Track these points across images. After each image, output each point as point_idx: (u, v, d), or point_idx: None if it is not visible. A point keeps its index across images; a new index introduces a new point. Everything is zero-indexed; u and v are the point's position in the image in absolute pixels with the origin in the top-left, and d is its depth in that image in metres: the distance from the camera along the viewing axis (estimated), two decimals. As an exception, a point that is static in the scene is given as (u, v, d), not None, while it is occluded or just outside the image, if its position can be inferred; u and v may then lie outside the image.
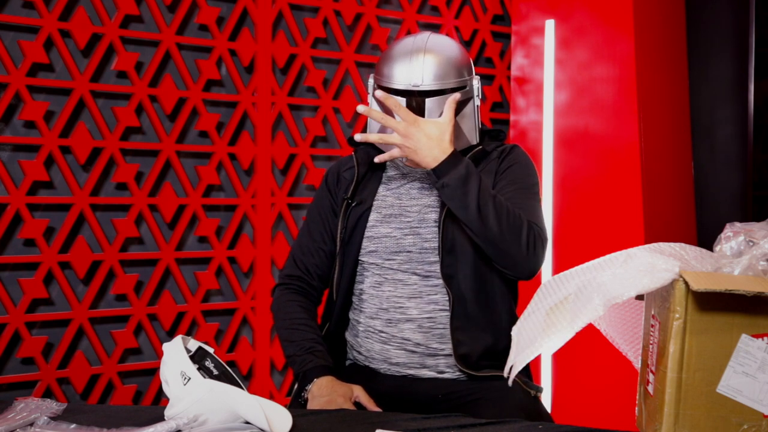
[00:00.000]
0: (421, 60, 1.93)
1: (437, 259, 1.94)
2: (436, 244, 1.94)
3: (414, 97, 1.92)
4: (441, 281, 1.94)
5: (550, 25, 3.54)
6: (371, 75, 2.02)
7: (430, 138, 1.83)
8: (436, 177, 1.85)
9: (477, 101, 1.99)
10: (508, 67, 3.77)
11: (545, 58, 3.54)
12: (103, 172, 2.94)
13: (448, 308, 1.93)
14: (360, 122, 3.43)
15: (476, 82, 2.00)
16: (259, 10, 3.18)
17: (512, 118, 3.70)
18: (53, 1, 2.82)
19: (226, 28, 3.13)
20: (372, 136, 1.89)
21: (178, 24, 3.04)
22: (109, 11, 2.91)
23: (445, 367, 1.94)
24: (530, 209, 1.92)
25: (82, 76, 2.85)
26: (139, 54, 2.98)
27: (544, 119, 3.53)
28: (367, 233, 1.99)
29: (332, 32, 3.39)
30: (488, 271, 1.95)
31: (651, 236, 3.21)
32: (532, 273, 1.89)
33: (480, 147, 2.01)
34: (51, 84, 2.82)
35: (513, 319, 1.97)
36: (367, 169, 2.05)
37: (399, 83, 1.93)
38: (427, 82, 1.92)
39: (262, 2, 3.18)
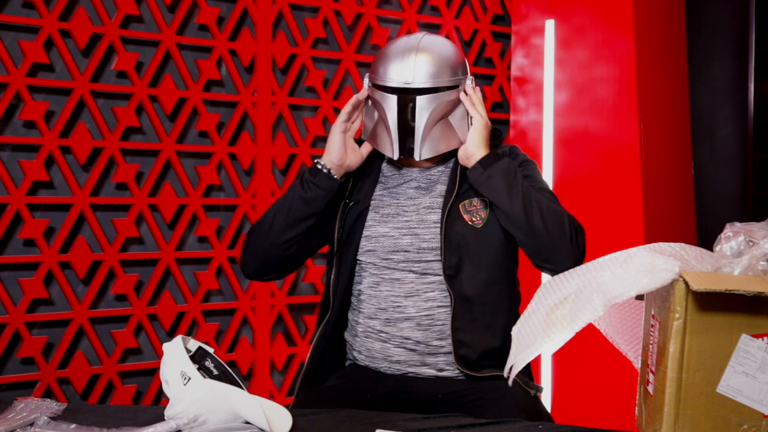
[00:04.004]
0: (413, 59, 1.94)
1: (436, 258, 1.95)
2: (436, 245, 1.95)
3: (406, 95, 1.94)
4: (438, 278, 1.94)
5: (550, 25, 3.54)
6: (367, 75, 2.03)
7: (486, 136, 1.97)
8: (481, 167, 1.90)
9: (471, 87, 2.00)
10: (508, 67, 3.77)
11: (545, 58, 3.54)
12: (103, 172, 2.94)
13: (446, 305, 1.94)
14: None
15: (469, 82, 2.00)
16: (259, 10, 3.18)
17: (512, 118, 3.70)
18: (53, 1, 2.82)
19: (226, 28, 3.13)
20: None
21: (178, 24, 3.04)
22: (109, 11, 2.91)
23: (445, 365, 1.94)
24: (559, 204, 1.96)
25: (82, 76, 2.85)
26: (139, 54, 2.98)
27: (544, 119, 3.53)
28: (365, 233, 2.00)
29: (332, 32, 3.39)
30: (493, 272, 1.95)
31: (651, 236, 3.21)
32: (576, 263, 1.88)
33: None
34: (51, 84, 2.82)
35: (515, 320, 1.97)
36: (362, 170, 2.06)
37: (392, 81, 1.95)
38: (418, 80, 1.93)
39: (262, 2, 3.18)
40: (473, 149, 1.93)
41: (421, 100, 1.93)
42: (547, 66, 3.54)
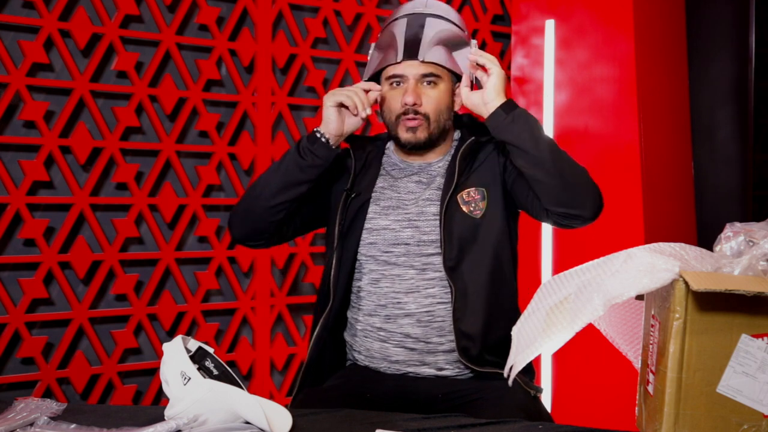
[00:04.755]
0: (425, 1, 2.04)
1: (436, 251, 1.95)
2: (436, 237, 1.95)
3: (417, 18, 1.99)
4: (438, 274, 1.95)
5: (550, 25, 3.54)
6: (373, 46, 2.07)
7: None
8: (503, 112, 1.89)
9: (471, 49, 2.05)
10: (508, 67, 3.77)
11: (545, 58, 3.54)
12: (103, 172, 2.94)
13: (446, 301, 1.94)
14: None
15: (474, 41, 2.04)
16: (259, 10, 3.18)
17: (512, 118, 3.70)
18: (53, 1, 2.82)
19: (226, 28, 3.13)
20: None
21: (178, 24, 3.04)
22: (109, 11, 2.91)
23: (444, 364, 1.95)
24: None
25: (82, 76, 2.85)
26: (139, 54, 2.98)
27: (544, 119, 3.53)
28: (366, 225, 2.00)
29: (332, 32, 3.39)
30: (493, 263, 1.96)
31: (651, 236, 3.21)
32: (597, 213, 1.93)
33: (473, 139, 2.02)
34: (51, 84, 2.82)
35: (514, 312, 1.97)
36: (363, 162, 2.06)
37: (404, 11, 2.02)
38: (430, 10, 2.01)
39: (262, 2, 3.18)
40: (493, 95, 1.91)
41: (431, 20, 1.98)
42: (547, 66, 3.54)
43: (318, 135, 1.95)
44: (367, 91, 1.97)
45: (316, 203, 2.05)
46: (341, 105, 1.94)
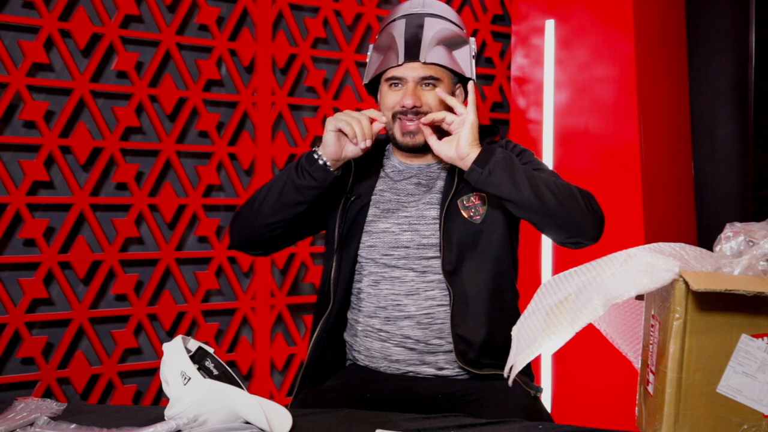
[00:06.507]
0: (422, 1, 2.03)
1: (435, 255, 1.95)
2: (435, 241, 1.95)
3: (415, 18, 1.98)
4: (438, 277, 1.94)
5: (550, 25, 3.54)
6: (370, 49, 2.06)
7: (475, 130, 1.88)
8: (478, 167, 1.85)
9: (473, 48, 2.04)
10: (508, 67, 3.77)
11: (545, 58, 3.54)
12: (103, 172, 2.94)
13: (445, 303, 1.94)
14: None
15: (473, 43, 2.03)
16: (259, 10, 3.18)
17: (512, 118, 3.70)
18: (53, 1, 2.82)
19: (226, 28, 3.13)
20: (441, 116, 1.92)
21: (178, 24, 3.04)
22: (109, 11, 2.91)
23: (444, 364, 1.95)
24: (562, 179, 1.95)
25: (82, 76, 2.85)
26: (139, 54, 2.98)
27: (544, 119, 3.53)
28: (366, 228, 2.00)
29: (332, 32, 3.39)
30: (492, 268, 1.96)
31: (651, 236, 3.21)
32: (599, 232, 1.91)
33: None
34: (51, 84, 2.82)
35: (514, 316, 1.97)
36: (363, 164, 2.06)
37: (402, 12, 2.01)
38: (428, 9, 2.00)
39: (262, 2, 3.18)
40: (467, 149, 1.86)
41: (429, 20, 1.97)
42: (547, 66, 3.54)
43: (316, 156, 1.93)
44: (372, 121, 1.92)
45: (317, 213, 2.03)
46: (342, 130, 1.90)
